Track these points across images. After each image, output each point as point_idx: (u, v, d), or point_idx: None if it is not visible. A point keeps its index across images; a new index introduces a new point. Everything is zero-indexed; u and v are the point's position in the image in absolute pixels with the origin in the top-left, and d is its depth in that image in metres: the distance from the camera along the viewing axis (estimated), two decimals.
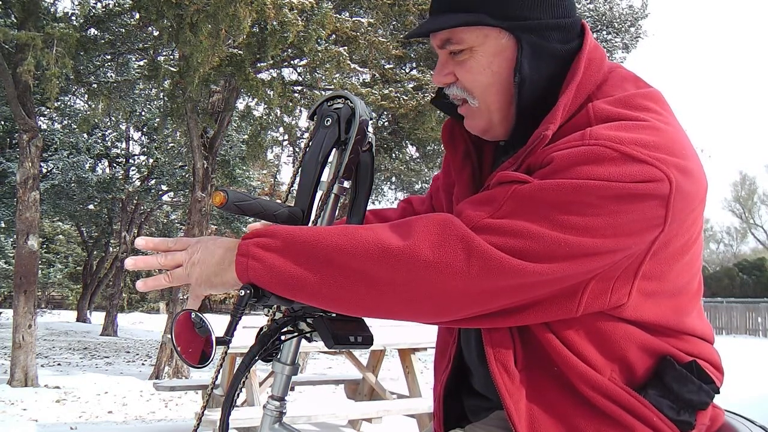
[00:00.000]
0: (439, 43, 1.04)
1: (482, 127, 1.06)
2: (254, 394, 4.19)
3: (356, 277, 0.90)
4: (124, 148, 17.99)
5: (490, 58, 1.01)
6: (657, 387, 0.96)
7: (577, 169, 0.87)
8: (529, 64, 1.00)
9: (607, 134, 0.89)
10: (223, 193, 0.98)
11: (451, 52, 1.03)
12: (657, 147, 0.88)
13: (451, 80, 1.05)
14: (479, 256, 0.86)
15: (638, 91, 0.99)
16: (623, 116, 0.93)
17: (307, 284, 0.91)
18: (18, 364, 7.41)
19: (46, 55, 6.53)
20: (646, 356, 0.97)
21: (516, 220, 0.88)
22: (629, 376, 0.97)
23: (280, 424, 1.12)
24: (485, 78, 1.02)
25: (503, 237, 0.87)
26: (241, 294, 0.95)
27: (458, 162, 1.15)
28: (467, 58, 1.02)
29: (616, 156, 0.86)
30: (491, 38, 1.01)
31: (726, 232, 47.38)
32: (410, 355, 4.81)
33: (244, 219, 18.00)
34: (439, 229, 0.89)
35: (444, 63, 1.05)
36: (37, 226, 7.83)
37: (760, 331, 21.24)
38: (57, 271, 23.11)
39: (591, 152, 0.88)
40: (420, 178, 13.63)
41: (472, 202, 0.94)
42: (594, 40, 1.06)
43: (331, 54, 7.96)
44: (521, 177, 0.91)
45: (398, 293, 0.89)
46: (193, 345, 1.00)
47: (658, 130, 0.91)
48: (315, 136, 1.12)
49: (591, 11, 11.37)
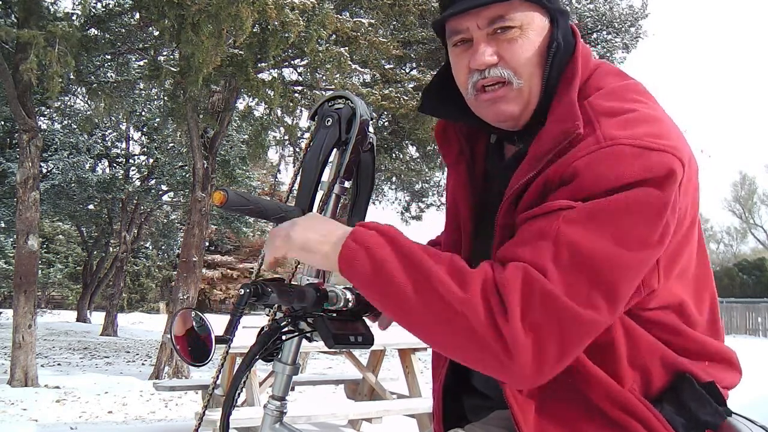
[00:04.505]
0: (485, 21, 1.00)
1: (516, 113, 1.04)
2: (254, 394, 4.18)
3: (451, 318, 0.86)
4: (124, 148, 17.99)
5: (537, 37, 1.02)
6: (673, 403, 0.97)
7: (606, 173, 0.89)
8: (562, 40, 1.03)
9: (619, 133, 0.91)
10: (223, 193, 0.98)
11: (496, 31, 1.01)
12: (664, 135, 0.92)
13: (496, 60, 1.01)
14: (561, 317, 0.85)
15: (624, 83, 1.02)
16: (621, 110, 0.95)
17: (402, 296, 0.88)
18: (18, 364, 7.41)
19: (49, 54, 6.52)
20: (665, 371, 0.98)
21: (581, 259, 0.86)
22: (647, 388, 0.97)
23: (281, 423, 1.12)
24: (534, 57, 1.01)
25: (576, 286, 0.85)
26: (241, 293, 0.95)
27: (453, 158, 1.16)
28: (517, 36, 1.00)
29: (636, 151, 0.89)
30: (537, 18, 1.02)
31: (726, 232, 47.37)
32: (410, 355, 4.81)
33: (244, 219, 18.00)
34: (524, 289, 0.85)
35: (486, 42, 1.01)
36: (37, 226, 7.82)
37: (760, 331, 21.22)
38: (57, 271, 23.11)
39: (612, 153, 0.90)
40: (420, 178, 13.64)
41: (524, 243, 0.91)
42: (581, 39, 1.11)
43: (332, 54, 7.96)
44: (564, 204, 0.90)
45: (489, 351, 0.86)
46: (192, 344, 1.01)
47: (656, 120, 0.95)
48: (316, 137, 1.12)
49: (591, 11, 11.37)
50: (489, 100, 1.03)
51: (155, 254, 29.55)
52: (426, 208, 14.96)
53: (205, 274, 27.61)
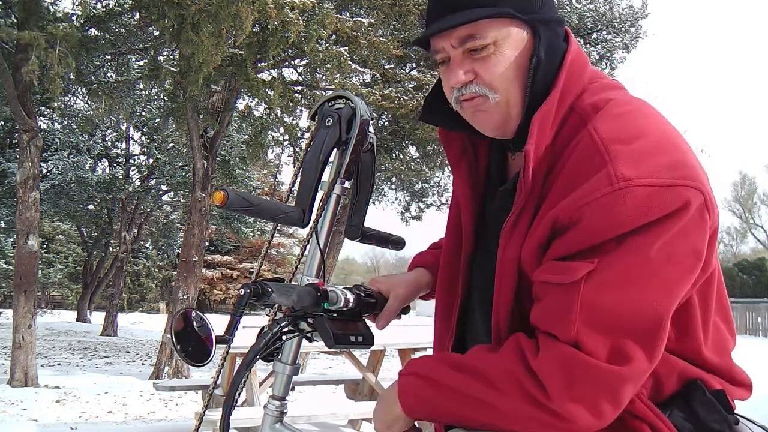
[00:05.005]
0: (456, 41, 1.02)
1: (498, 122, 1.04)
2: (254, 394, 4.18)
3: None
4: (124, 148, 17.99)
5: (513, 51, 1.01)
6: (683, 409, 0.97)
7: (620, 219, 0.87)
8: (544, 53, 1.01)
9: (632, 173, 0.87)
10: (223, 193, 0.98)
11: (470, 50, 1.02)
12: (679, 163, 0.90)
13: (471, 78, 1.02)
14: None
15: (618, 96, 1.00)
16: (629, 137, 0.92)
17: (461, 413, 0.99)
18: (18, 364, 7.41)
19: (50, 55, 6.52)
20: (677, 378, 0.99)
21: (613, 320, 0.89)
22: (656, 393, 0.98)
23: (281, 423, 1.12)
24: (509, 72, 1.01)
25: (614, 348, 0.88)
26: (241, 293, 0.95)
27: (455, 157, 1.16)
28: (491, 53, 1.01)
29: (651, 191, 0.86)
30: (513, 32, 1.01)
31: (726, 232, 47.29)
32: (410, 355, 4.81)
33: (245, 219, 18.00)
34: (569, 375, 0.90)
35: (461, 62, 1.03)
36: (37, 226, 7.82)
37: (760, 331, 21.22)
38: (57, 271, 23.12)
39: (625, 196, 0.87)
40: (420, 178, 13.62)
41: (552, 315, 0.93)
42: (578, 46, 1.07)
43: (332, 54, 7.96)
44: (584, 268, 0.89)
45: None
46: (192, 344, 1.01)
47: (668, 145, 0.92)
48: (316, 137, 1.12)
49: (591, 11, 11.36)
50: (471, 109, 1.05)
51: (155, 254, 29.54)
52: (426, 208, 14.95)
53: (205, 274, 27.61)
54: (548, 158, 0.98)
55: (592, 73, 1.06)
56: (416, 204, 15.13)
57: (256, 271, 1.22)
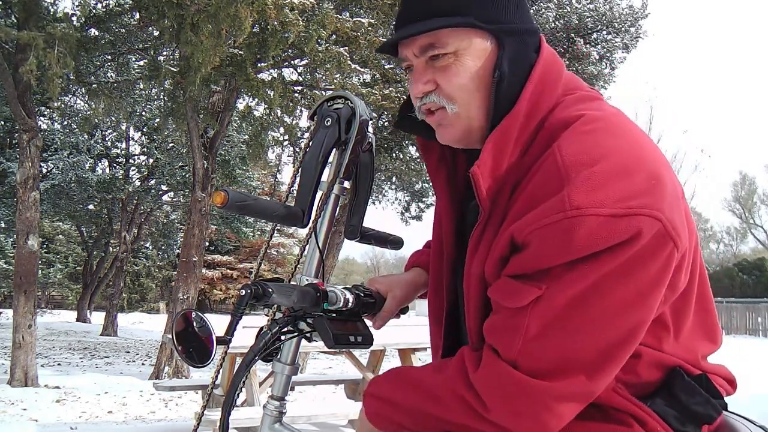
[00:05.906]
0: (418, 50, 1.01)
1: (459, 134, 1.04)
2: (254, 394, 4.19)
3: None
4: (124, 148, 17.99)
5: (475, 62, 1.00)
6: (664, 396, 0.97)
7: (568, 246, 0.85)
8: (508, 65, 0.99)
9: (584, 200, 0.85)
10: (223, 193, 0.98)
11: (430, 59, 1.01)
12: (636, 192, 0.86)
13: (431, 88, 1.02)
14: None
15: (590, 110, 0.96)
16: (588, 161, 0.88)
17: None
18: (18, 364, 7.41)
19: (48, 55, 6.52)
20: (656, 370, 0.98)
21: (557, 343, 0.89)
22: (636, 388, 0.97)
23: (280, 424, 1.12)
24: (470, 82, 1.00)
25: (555, 370, 0.89)
26: (242, 294, 0.96)
27: (433, 165, 1.15)
28: (451, 63, 1.00)
29: (602, 221, 0.84)
30: (476, 42, 1.00)
31: (726, 232, 47.33)
32: (410, 355, 4.81)
33: (245, 219, 18.00)
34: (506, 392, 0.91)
35: (422, 71, 1.02)
36: (37, 226, 7.82)
37: (760, 331, 21.24)
38: (57, 271, 23.12)
39: (575, 225, 0.84)
40: (420, 178, 13.61)
41: (499, 331, 0.94)
42: (552, 56, 1.04)
43: (332, 54, 7.96)
44: (533, 294, 0.89)
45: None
46: (193, 344, 1.01)
47: (628, 170, 0.87)
48: (315, 136, 1.12)
49: (591, 11, 11.36)
50: (434, 124, 1.06)
51: (155, 254, 29.54)
52: (426, 208, 14.94)
53: (205, 274, 27.63)
54: (515, 174, 0.96)
55: (568, 83, 1.03)
56: (416, 204, 15.13)
57: (255, 271, 1.22)
